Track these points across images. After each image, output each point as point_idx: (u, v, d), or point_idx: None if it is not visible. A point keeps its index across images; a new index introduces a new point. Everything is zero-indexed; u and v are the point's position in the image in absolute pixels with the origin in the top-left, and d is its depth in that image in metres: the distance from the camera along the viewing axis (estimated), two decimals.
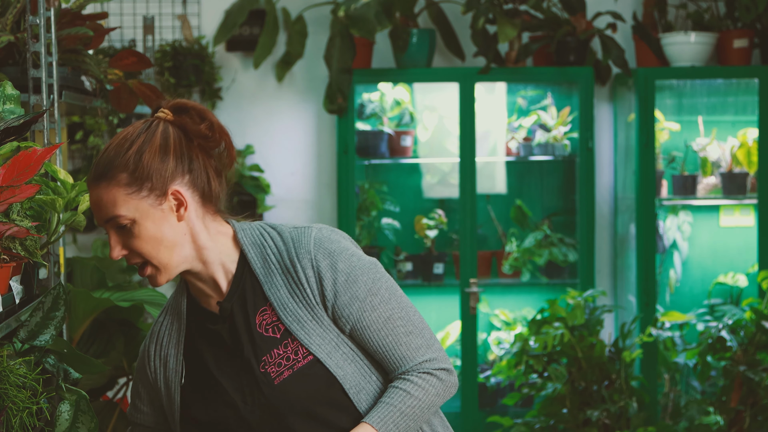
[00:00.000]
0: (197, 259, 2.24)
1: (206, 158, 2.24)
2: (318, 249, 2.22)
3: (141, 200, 2.18)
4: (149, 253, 2.19)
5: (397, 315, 2.22)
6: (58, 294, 2.45)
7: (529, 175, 5.73)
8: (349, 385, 2.20)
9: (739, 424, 4.81)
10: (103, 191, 2.18)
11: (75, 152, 5.44)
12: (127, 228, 2.18)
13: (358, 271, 2.22)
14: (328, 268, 2.20)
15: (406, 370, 2.21)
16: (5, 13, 3.01)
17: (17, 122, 2.38)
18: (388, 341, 2.21)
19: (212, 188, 2.25)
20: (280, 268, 2.23)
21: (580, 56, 5.30)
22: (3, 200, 2.17)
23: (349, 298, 2.19)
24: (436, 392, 2.21)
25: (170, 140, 2.21)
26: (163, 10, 5.49)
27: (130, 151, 2.19)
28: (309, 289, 2.20)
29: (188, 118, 2.23)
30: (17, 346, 2.40)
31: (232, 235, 2.28)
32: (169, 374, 2.32)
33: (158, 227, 2.19)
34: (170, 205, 2.20)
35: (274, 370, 2.19)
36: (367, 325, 2.20)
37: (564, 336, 4.76)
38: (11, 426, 2.23)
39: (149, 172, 2.18)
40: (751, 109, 5.43)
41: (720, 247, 5.60)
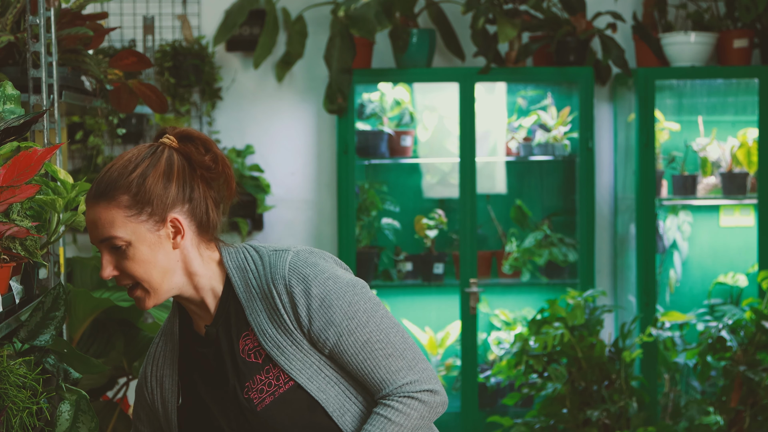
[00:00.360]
0: (189, 285, 2.25)
1: (206, 188, 2.25)
2: (292, 274, 2.20)
3: (139, 224, 2.18)
4: (141, 277, 2.19)
5: (375, 338, 2.18)
6: (58, 294, 2.45)
7: (529, 175, 5.73)
8: (332, 408, 2.19)
9: (739, 424, 4.81)
10: (102, 211, 2.18)
11: (75, 152, 5.44)
12: (122, 250, 2.18)
13: (333, 295, 2.19)
14: (302, 294, 2.18)
15: (387, 394, 2.18)
16: (5, 13, 3.00)
17: (17, 122, 2.38)
18: (366, 365, 2.18)
19: (210, 219, 2.25)
20: (259, 293, 2.22)
21: (580, 56, 5.30)
22: (3, 200, 2.17)
23: (325, 323, 2.17)
24: (419, 415, 2.18)
25: (174, 167, 2.21)
26: (163, 10, 5.49)
27: (134, 174, 2.19)
28: (285, 314, 2.19)
29: (193, 147, 2.23)
30: (17, 346, 2.40)
31: (218, 259, 2.27)
32: (166, 395, 2.33)
33: (153, 252, 2.19)
34: (167, 232, 2.20)
35: (256, 396, 2.19)
36: (344, 350, 2.18)
37: (564, 336, 4.76)
38: (11, 426, 2.23)
39: (151, 197, 2.18)
40: (751, 109, 5.42)
41: (720, 247, 5.60)
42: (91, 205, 2.20)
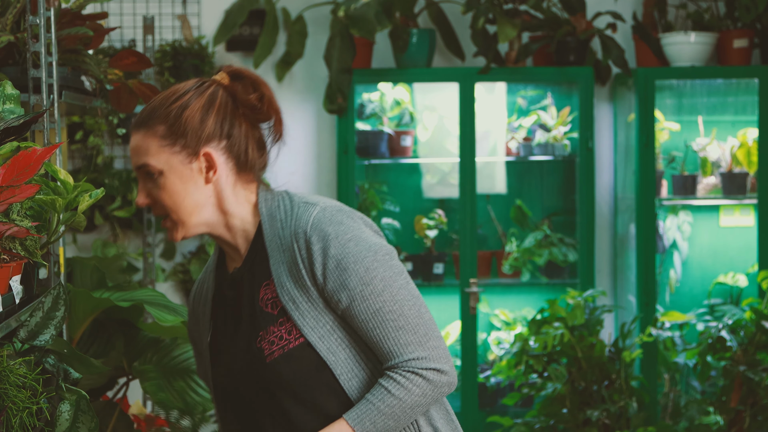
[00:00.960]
0: (222, 224, 2.25)
1: (250, 128, 2.26)
2: (314, 229, 2.18)
3: (172, 155, 2.20)
4: (170, 207, 2.21)
5: (387, 308, 2.14)
6: (59, 294, 2.45)
7: (529, 175, 5.73)
8: (340, 371, 2.17)
9: (739, 424, 4.81)
10: (140, 138, 2.21)
11: (75, 152, 5.44)
12: (155, 178, 2.20)
13: (351, 258, 2.15)
14: (320, 252, 2.16)
15: (393, 366, 2.15)
16: (5, 13, 3.00)
17: (17, 122, 2.38)
18: (375, 333, 2.15)
19: (249, 158, 2.26)
20: (283, 244, 2.21)
21: (580, 56, 5.30)
22: (3, 200, 2.17)
23: (338, 285, 2.14)
24: (421, 392, 2.14)
25: (216, 103, 2.22)
26: (163, 10, 5.49)
27: (173, 105, 2.21)
28: (303, 269, 2.17)
29: (241, 85, 2.24)
30: (17, 346, 2.40)
31: (255, 202, 2.28)
32: (202, 330, 2.35)
33: (184, 185, 2.21)
34: (200, 166, 2.21)
35: (267, 347, 2.18)
36: (355, 315, 2.15)
37: (564, 336, 4.76)
38: (11, 426, 2.23)
39: (186, 130, 2.19)
40: (751, 109, 5.42)
41: (720, 247, 5.60)
42: (132, 132, 2.23)
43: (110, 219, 5.38)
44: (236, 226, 2.26)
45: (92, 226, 5.42)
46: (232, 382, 2.25)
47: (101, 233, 5.48)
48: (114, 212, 5.31)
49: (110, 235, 5.46)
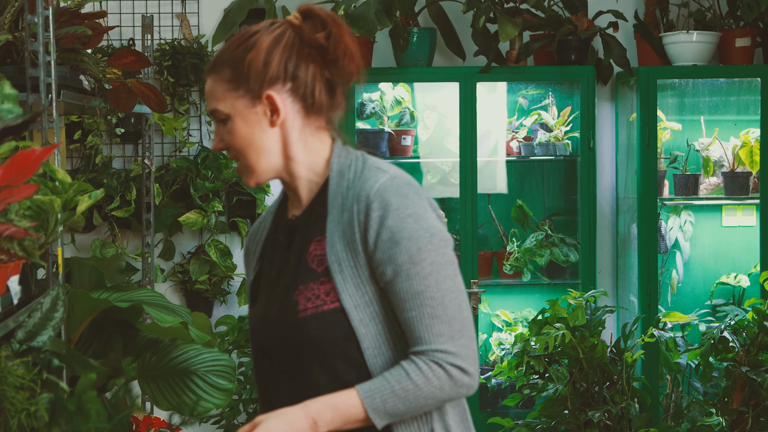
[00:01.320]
0: (285, 169, 2.23)
1: (318, 68, 2.21)
2: (377, 196, 2.14)
3: (237, 99, 2.19)
4: (240, 152, 2.20)
5: (428, 294, 2.10)
6: (57, 295, 2.44)
7: (530, 175, 5.71)
8: (367, 345, 2.13)
9: (742, 426, 4.79)
10: (210, 83, 2.21)
11: (73, 152, 5.42)
12: (225, 123, 2.20)
13: (406, 233, 2.10)
14: (377, 220, 2.12)
15: (419, 352, 2.11)
16: (3, 11, 2.99)
17: (15, 122, 2.37)
18: (410, 315, 2.10)
19: (316, 100, 2.21)
20: (344, 204, 2.18)
21: (581, 55, 5.29)
22: (1, 200, 2.15)
23: (387, 257, 2.11)
24: (440, 386, 2.10)
25: (281, 44, 2.19)
26: (162, 9, 5.47)
27: (239, 49, 2.19)
28: (358, 233, 2.14)
29: (310, 25, 2.20)
30: (15, 346, 2.38)
31: (327, 156, 2.24)
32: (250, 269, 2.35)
33: (250, 129, 2.19)
34: (264, 109, 2.19)
35: (302, 303, 2.15)
36: (396, 291, 2.11)
37: (565, 337, 4.74)
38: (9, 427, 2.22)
39: (249, 73, 2.18)
40: (754, 109, 5.41)
41: (722, 248, 5.58)
42: (205, 77, 2.24)
43: (109, 219, 5.36)
44: (300, 173, 2.23)
45: (91, 226, 5.40)
46: (262, 326, 2.24)
47: (100, 233, 5.47)
48: (112, 212, 5.29)
49: (109, 236, 5.44)
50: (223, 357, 3.40)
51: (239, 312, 5.46)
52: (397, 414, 2.11)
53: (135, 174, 5.33)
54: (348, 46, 2.21)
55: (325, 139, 2.25)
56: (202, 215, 5.33)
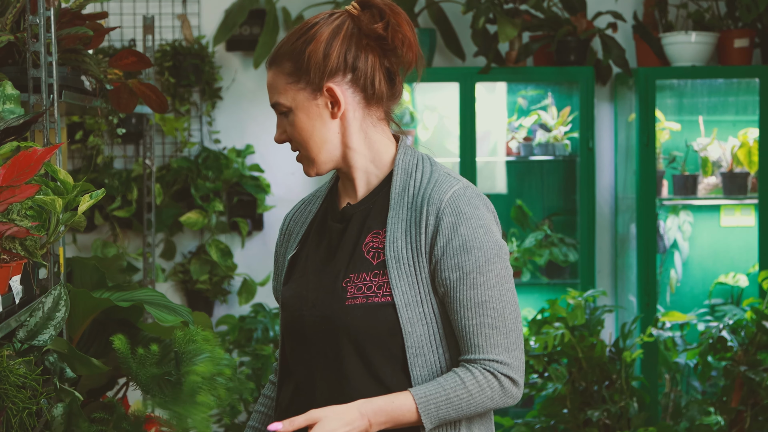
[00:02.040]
0: (344, 159, 2.24)
1: (377, 58, 2.22)
2: (450, 203, 2.16)
3: (298, 92, 2.20)
4: (301, 143, 2.22)
5: (491, 305, 2.13)
6: (59, 294, 2.45)
7: (530, 175, 5.72)
8: (410, 343, 2.13)
9: (740, 425, 4.80)
10: (272, 76, 2.22)
11: (75, 152, 5.43)
12: (287, 115, 2.22)
13: (477, 243, 2.13)
14: (449, 227, 2.14)
15: (473, 360, 2.13)
16: (5, 12, 3.00)
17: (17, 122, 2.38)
18: (470, 323, 2.12)
19: (376, 90, 2.22)
20: (411, 203, 2.19)
21: (580, 56, 5.30)
22: (3, 200, 2.16)
23: (454, 264, 2.13)
24: (491, 395, 2.12)
25: (340, 36, 2.20)
26: (163, 10, 5.48)
27: (298, 41, 2.21)
28: (424, 235, 2.15)
29: (368, 14, 2.21)
30: (17, 346, 2.40)
31: (392, 153, 2.27)
32: (289, 246, 2.35)
33: (311, 121, 2.20)
34: (325, 102, 2.20)
35: (352, 290, 2.16)
36: (458, 299, 2.13)
37: (564, 336, 4.76)
38: (11, 426, 2.23)
39: (309, 66, 2.19)
40: (752, 109, 5.42)
41: (721, 247, 5.59)
42: (267, 69, 2.25)
43: (110, 219, 5.37)
44: (358, 164, 2.24)
45: (92, 226, 5.42)
46: (299, 306, 2.23)
47: (101, 233, 5.48)
48: (114, 212, 5.30)
49: (110, 235, 5.45)
50: (224, 356, 3.40)
51: (240, 311, 5.47)
52: (446, 419, 2.13)
53: (136, 174, 5.35)
54: (406, 35, 2.22)
55: (386, 131, 2.27)
56: (202, 215, 5.34)
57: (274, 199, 5.54)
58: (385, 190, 2.23)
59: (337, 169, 2.27)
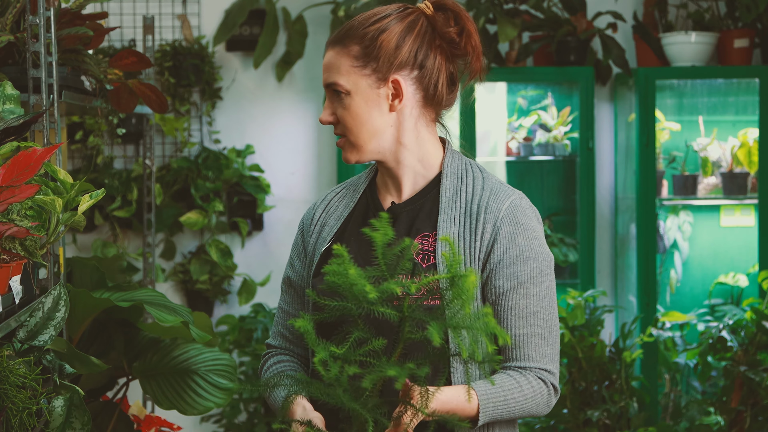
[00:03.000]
0: (393, 154, 2.23)
1: (444, 61, 2.23)
2: (509, 213, 2.19)
3: (362, 77, 2.19)
4: (350, 129, 2.20)
5: (542, 316, 2.17)
6: (59, 294, 2.45)
7: (530, 175, 5.72)
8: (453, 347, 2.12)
9: (740, 425, 4.80)
10: (334, 56, 2.20)
11: (75, 152, 5.44)
12: (341, 97, 2.20)
13: (533, 255, 2.17)
14: (507, 236, 2.16)
15: (525, 368, 2.17)
16: (5, 12, 3.00)
17: (17, 122, 2.38)
18: (521, 332, 2.16)
19: (437, 92, 2.22)
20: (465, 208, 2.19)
21: (580, 56, 5.30)
22: (3, 200, 2.16)
23: (510, 273, 2.15)
24: (539, 401, 2.17)
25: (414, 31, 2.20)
26: (163, 10, 5.48)
27: (372, 27, 2.19)
28: (480, 243, 2.16)
29: (443, 16, 2.22)
30: (17, 346, 2.40)
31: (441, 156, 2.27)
32: (320, 240, 2.31)
33: (368, 108, 2.20)
34: (387, 93, 2.20)
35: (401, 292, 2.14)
36: (510, 308, 2.16)
37: (564, 336, 4.76)
38: (11, 426, 2.23)
39: (379, 54, 2.18)
40: (752, 109, 5.42)
41: (720, 247, 5.59)
42: (328, 47, 2.23)
43: (110, 219, 5.37)
44: (407, 162, 2.24)
45: (92, 226, 5.42)
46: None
47: (101, 233, 5.48)
48: (114, 212, 5.30)
49: (110, 235, 5.45)
50: (224, 356, 3.41)
51: (240, 311, 5.47)
52: (498, 419, 2.15)
53: (136, 174, 5.35)
54: (477, 44, 2.24)
55: (435, 134, 2.27)
56: (202, 215, 5.34)
57: (274, 199, 5.54)
58: (434, 192, 2.24)
59: (382, 163, 2.26)
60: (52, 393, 2.41)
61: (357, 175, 2.40)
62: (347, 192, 2.36)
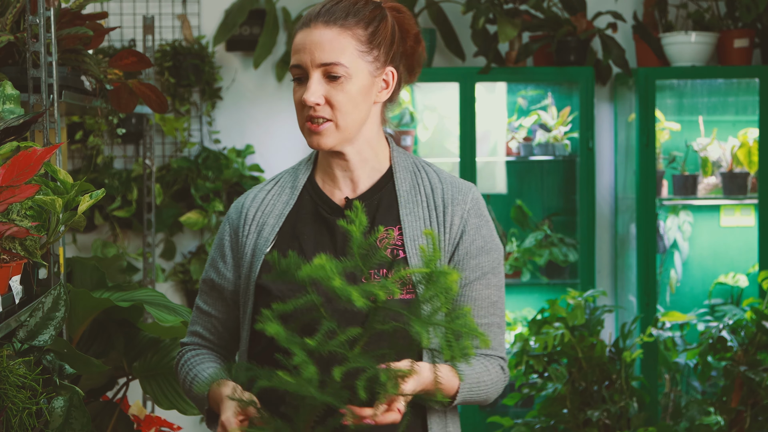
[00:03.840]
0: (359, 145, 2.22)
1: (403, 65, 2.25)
2: (474, 206, 2.21)
3: (366, 63, 2.15)
4: (345, 113, 2.15)
5: (499, 305, 2.22)
6: (59, 294, 2.45)
7: (530, 175, 5.73)
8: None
9: (740, 425, 4.80)
10: (334, 35, 2.13)
11: (75, 152, 5.44)
12: (338, 80, 2.13)
13: (494, 246, 2.22)
14: (474, 228, 2.19)
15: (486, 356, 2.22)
16: (5, 12, 3.00)
17: (17, 122, 2.38)
18: (484, 322, 2.20)
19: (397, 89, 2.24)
20: (427, 202, 2.20)
21: (580, 56, 5.30)
22: (3, 200, 2.17)
23: (476, 264, 2.18)
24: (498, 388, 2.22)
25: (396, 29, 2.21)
26: (163, 10, 5.48)
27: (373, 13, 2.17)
28: (448, 235, 2.18)
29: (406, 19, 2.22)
30: (17, 346, 2.40)
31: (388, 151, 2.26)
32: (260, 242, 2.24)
33: (363, 95, 2.16)
34: (380, 83, 2.19)
35: None
36: (474, 298, 2.19)
37: (564, 336, 4.76)
38: (11, 426, 2.23)
39: (381, 42, 2.17)
40: (752, 109, 5.42)
41: (720, 247, 5.59)
42: (319, 25, 2.14)
43: (110, 219, 5.37)
44: (367, 155, 2.23)
45: (92, 226, 5.42)
46: None
47: (101, 233, 5.48)
48: (114, 212, 5.31)
49: (110, 235, 5.45)
50: None
51: None
52: (468, 402, 2.19)
53: (136, 174, 5.35)
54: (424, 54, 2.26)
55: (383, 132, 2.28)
56: (202, 215, 5.34)
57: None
58: (389, 186, 2.23)
59: (343, 154, 2.22)
60: (52, 393, 2.41)
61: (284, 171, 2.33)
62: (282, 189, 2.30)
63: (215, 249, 2.32)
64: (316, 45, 2.13)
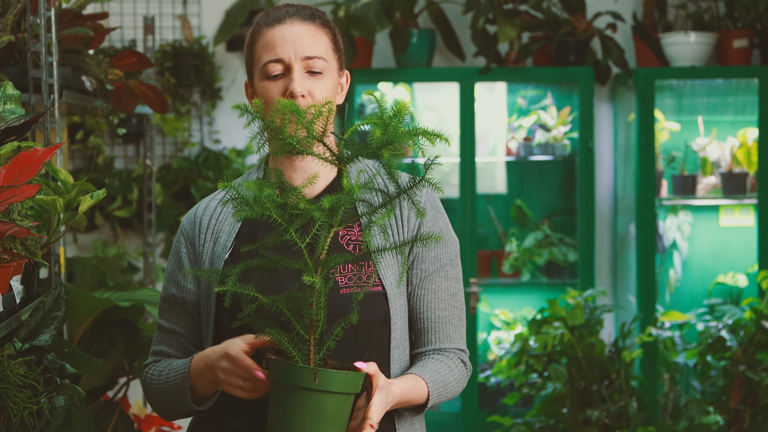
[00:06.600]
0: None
1: None
2: (429, 199, 2.25)
3: (335, 61, 2.25)
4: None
5: (459, 297, 2.24)
6: (59, 294, 2.46)
7: (529, 175, 5.73)
8: (394, 335, 2.17)
9: (739, 424, 4.81)
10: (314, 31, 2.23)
11: (75, 152, 5.44)
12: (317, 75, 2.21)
13: (451, 237, 2.26)
14: (431, 220, 2.23)
15: (446, 349, 2.22)
16: (6, 13, 3.01)
17: (18, 122, 2.39)
18: (443, 314, 2.21)
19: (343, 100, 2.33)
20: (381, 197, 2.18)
21: (580, 56, 5.31)
22: (4, 200, 2.17)
23: (434, 256, 2.21)
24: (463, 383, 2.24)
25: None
26: (163, 10, 5.49)
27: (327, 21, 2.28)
28: (406, 228, 2.21)
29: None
30: (17, 345, 2.41)
31: None
32: (218, 249, 2.24)
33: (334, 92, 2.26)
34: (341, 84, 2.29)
35: (341, 280, 2.16)
36: (434, 290, 2.21)
37: (564, 336, 4.76)
38: (12, 425, 2.24)
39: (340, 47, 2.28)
40: (751, 109, 5.43)
41: (720, 247, 5.60)
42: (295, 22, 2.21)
43: (110, 219, 5.38)
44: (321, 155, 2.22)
45: (92, 226, 5.43)
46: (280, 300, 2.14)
47: (101, 233, 5.49)
48: (114, 212, 5.31)
49: (110, 235, 5.46)
50: None
51: None
52: (436, 403, 2.19)
53: (136, 174, 5.36)
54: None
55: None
56: None
57: None
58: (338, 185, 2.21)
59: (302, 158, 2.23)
60: (53, 393, 2.42)
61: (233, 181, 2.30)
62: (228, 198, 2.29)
63: (172, 264, 2.30)
64: (297, 38, 2.20)
